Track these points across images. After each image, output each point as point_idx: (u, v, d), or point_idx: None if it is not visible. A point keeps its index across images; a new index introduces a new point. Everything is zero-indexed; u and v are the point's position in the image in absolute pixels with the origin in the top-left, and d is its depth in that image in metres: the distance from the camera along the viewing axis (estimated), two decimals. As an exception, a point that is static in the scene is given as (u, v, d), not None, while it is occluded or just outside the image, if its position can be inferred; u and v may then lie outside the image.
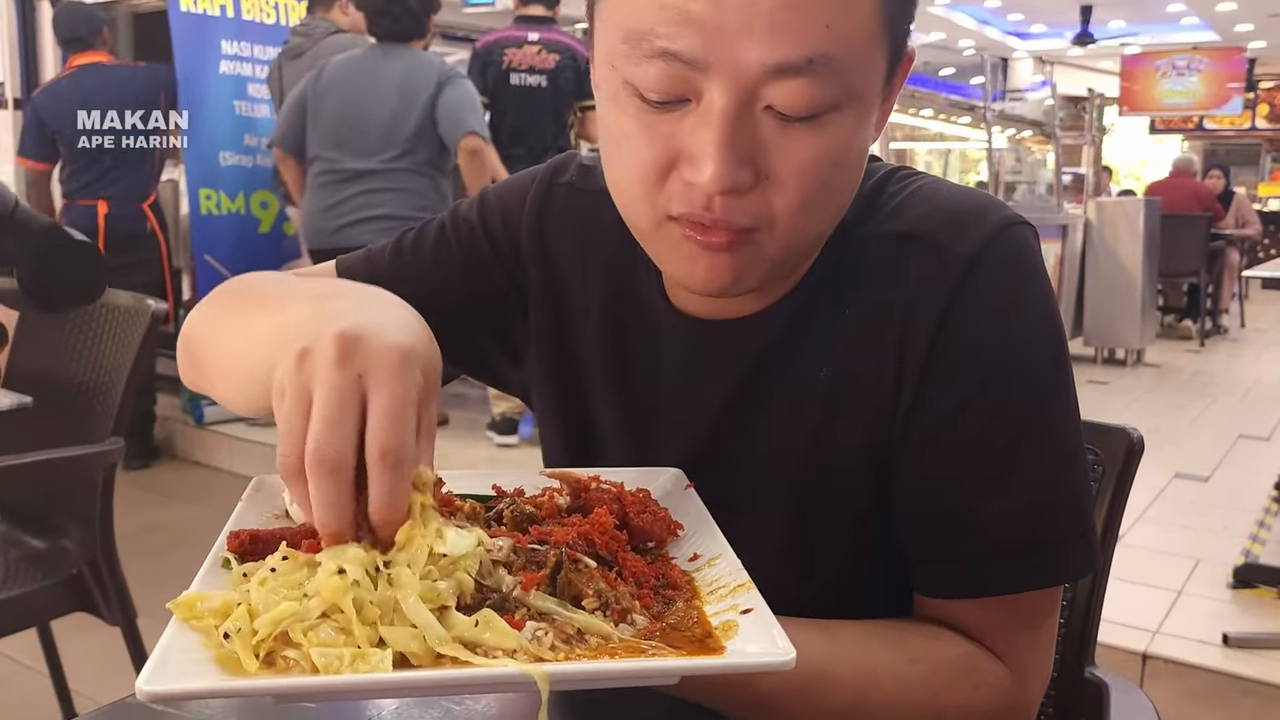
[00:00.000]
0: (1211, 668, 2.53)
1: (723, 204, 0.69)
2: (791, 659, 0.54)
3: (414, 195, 3.74)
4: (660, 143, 0.69)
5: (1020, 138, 8.20)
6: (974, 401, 0.76)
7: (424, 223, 0.98)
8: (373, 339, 0.59)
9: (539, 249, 0.93)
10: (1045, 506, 0.76)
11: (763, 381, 0.83)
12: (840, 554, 0.83)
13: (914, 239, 0.78)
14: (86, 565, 2.02)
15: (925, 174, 0.84)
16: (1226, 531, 3.53)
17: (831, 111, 0.67)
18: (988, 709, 0.75)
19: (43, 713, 2.43)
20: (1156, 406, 5.85)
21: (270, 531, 0.67)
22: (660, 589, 0.66)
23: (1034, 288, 0.78)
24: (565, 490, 0.75)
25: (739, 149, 0.67)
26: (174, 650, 0.54)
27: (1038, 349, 0.77)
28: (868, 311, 0.79)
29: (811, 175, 0.69)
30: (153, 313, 2.02)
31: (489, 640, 0.55)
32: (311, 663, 0.53)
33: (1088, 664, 1.06)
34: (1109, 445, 1.08)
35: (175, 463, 4.88)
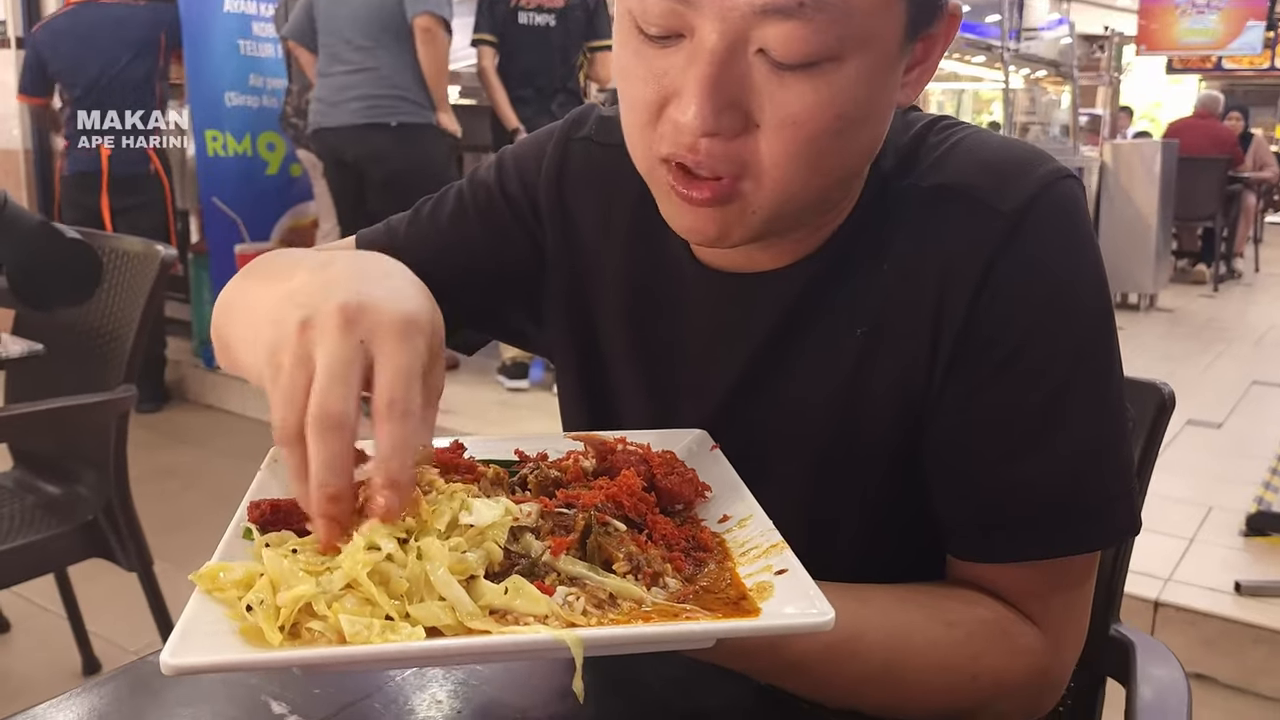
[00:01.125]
0: (1223, 616, 2.53)
1: (707, 147, 0.66)
2: (830, 619, 0.53)
3: (385, 76, 3.85)
4: (654, 79, 0.68)
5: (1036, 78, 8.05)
6: (1017, 360, 0.73)
7: (443, 190, 0.96)
8: (376, 307, 0.58)
9: (558, 207, 0.91)
10: (1088, 467, 0.74)
11: (792, 338, 0.80)
12: (868, 517, 0.81)
13: (956, 192, 0.75)
14: (101, 511, 2.03)
15: (968, 124, 0.81)
16: (1239, 479, 3.52)
17: (830, 61, 0.64)
18: (1022, 674, 0.74)
19: (62, 655, 2.46)
20: (1169, 352, 5.82)
21: (291, 501, 0.65)
22: (691, 551, 0.64)
23: (1081, 244, 0.75)
24: (590, 453, 0.74)
25: (725, 91, 0.64)
26: (197, 622, 0.52)
27: (1085, 308, 0.74)
28: (905, 267, 0.76)
29: (805, 126, 0.65)
30: (162, 258, 2.00)
31: (520, 607, 0.54)
32: (339, 632, 0.52)
33: (1113, 621, 1.05)
34: (1140, 400, 1.06)
35: (187, 406, 4.90)
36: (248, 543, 0.60)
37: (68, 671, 2.44)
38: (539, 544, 0.59)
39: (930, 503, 0.79)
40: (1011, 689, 0.74)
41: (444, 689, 0.74)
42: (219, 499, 0.67)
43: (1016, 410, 0.74)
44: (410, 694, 0.73)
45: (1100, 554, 0.79)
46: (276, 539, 0.59)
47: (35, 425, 2.05)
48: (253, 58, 4.84)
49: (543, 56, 4.20)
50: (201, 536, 0.65)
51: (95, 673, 2.43)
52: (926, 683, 0.72)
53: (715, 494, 0.72)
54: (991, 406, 0.74)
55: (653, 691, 0.74)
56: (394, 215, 0.97)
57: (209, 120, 4.67)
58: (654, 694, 0.74)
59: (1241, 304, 8.07)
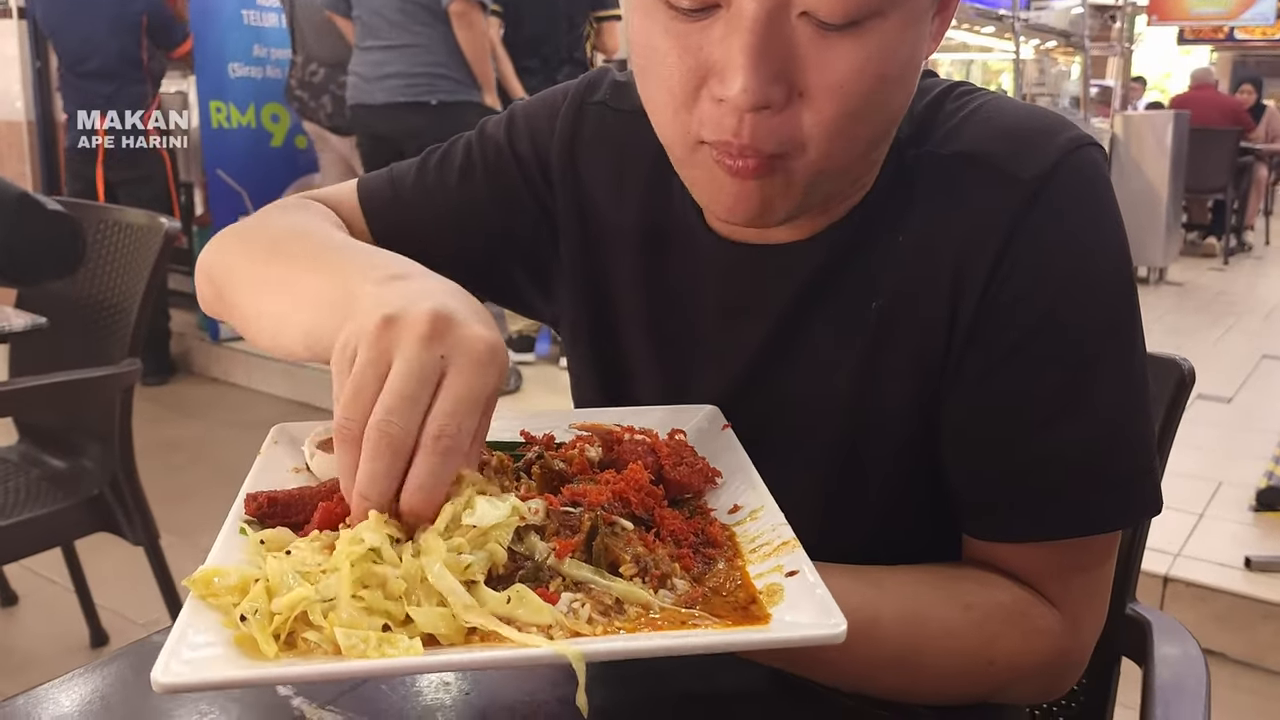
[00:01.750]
0: (1233, 591, 2.52)
1: (753, 125, 0.63)
2: (841, 632, 0.51)
3: (426, 52, 3.72)
4: (690, 55, 0.64)
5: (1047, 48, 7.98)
6: (1038, 334, 0.71)
7: (451, 141, 0.93)
8: (465, 324, 0.57)
9: (570, 172, 0.88)
10: (1111, 444, 0.72)
11: (807, 312, 0.78)
12: (885, 494, 0.80)
13: (974, 161, 0.73)
14: (107, 485, 2.02)
15: (987, 90, 0.79)
16: (1249, 454, 3.50)
17: (874, 17, 0.62)
18: (1040, 657, 0.73)
19: (70, 628, 2.47)
20: (1178, 326, 5.79)
21: (289, 493, 0.64)
22: (700, 547, 0.63)
23: (1104, 214, 0.73)
24: (596, 443, 0.72)
25: (771, 60, 0.62)
26: (190, 634, 0.51)
27: (1108, 279, 0.72)
28: (922, 238, 0.74)
29: (852, 90, 0.63)
30: (166, 231, 1.99)
31: (523, 616, 0.53)
32: (335, 643, 0.50)
33: (1129, 600, 1.04)
34: (1159, 376, 1.04)
35: (192, 378, 4.89)
36: (244, 539, 0.59)
37: (75, 644, 2.44)
38: (544, 546, 0.58)
39: (948, 480, 0.77)
40: (1029, 672, 0.73)
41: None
42: (225, 472, 0.66)
43: (1038, 385, 0.72)
44: (418, 676, 0.72)
45: (1120, 533, 0.77)
46: (273, 537, 0.58)
47: (39, 399, 2.04)
48: (257, 28, 4.80)
49: (549, 26, 4.14)
50: (207, 509, 0.64)
51: (103, 645, 2.44)
52: (943, 667, 0.70)
53: (726, 479, 0.70)
54: (1012, 380, 0.72)
55: (666, 676, 0.73)
56: (398, 163, 0.94)
57: (213, 91, 4.63)
58: (667, 678, 0.73)
59: (1252, 277, 8.02)
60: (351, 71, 3.87)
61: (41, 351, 2.14)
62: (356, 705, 0.68)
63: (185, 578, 0.55)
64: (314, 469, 0.71)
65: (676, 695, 0.71)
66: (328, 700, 0.68)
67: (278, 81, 4.76)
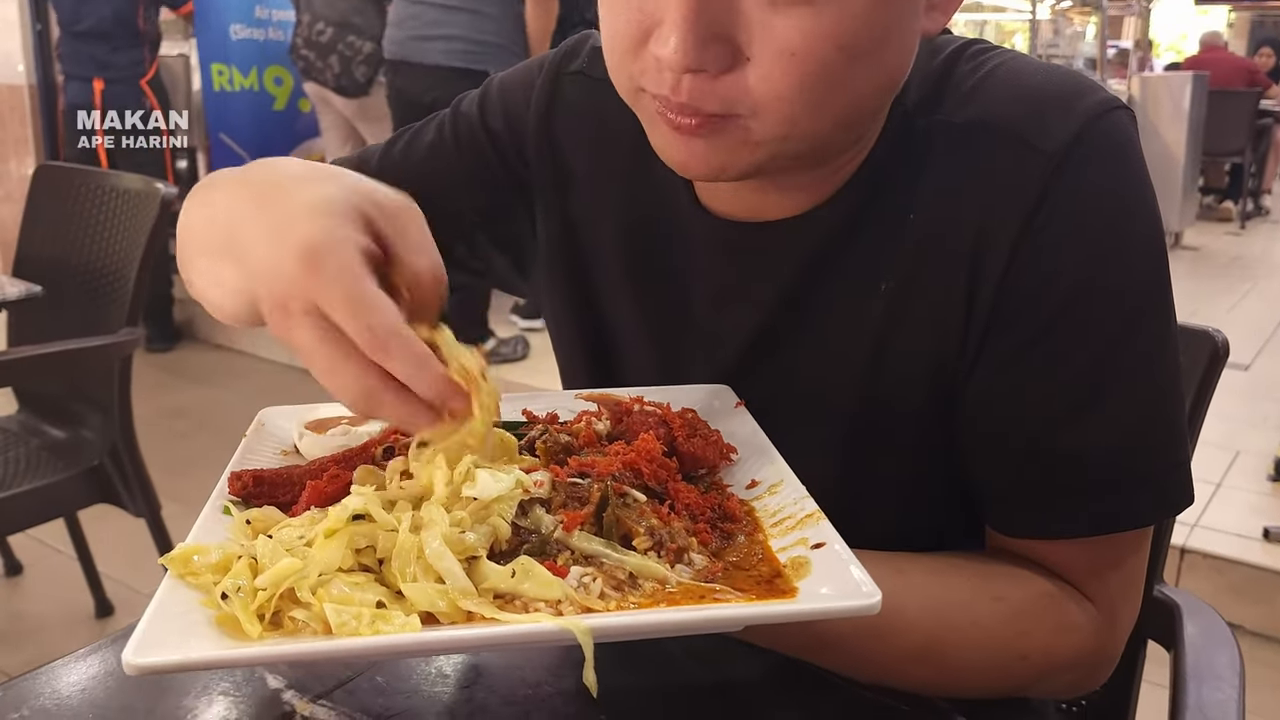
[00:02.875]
0: (1251, 562, 2.49)
1: (690, 85, 0.59)
2: (876, 602, 0.48)
3: (489, 20, 3.50)
4: (636, 7, 0.60)
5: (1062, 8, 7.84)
6: (1065, 317, 0.66)
7: (426, 119, 0.89)
8: (283, 276, 0.52)
9: (547, 145, 0.84)
10: (1143, 434, 0.67)
11: (808, 294, 0.73)
12: (898, 490, 0.76)
13: (992, 129, 0.67)
14: (107, 456, 2.00)
15: (1004, 49, 0.73)
16: (1267, 422, 3.45)
17: None
18: (1074, 651, 0.69)
19: (75, 597, 2.46)
20: (1194, 291, 5.72)
21: (276, 471, 0.60)
22: (718, 522, 0.59)
23: (1134, 184, 0.67)
24: (604, 414, 0.68)
25: (709, 21, 0.58)
26: (166, 614, 0.47)
27: (1138, 257, 0.67)
28: (935, 214, 0.69)
29: (804, 60, 0.58)
30: (162, 196, 1.96)
31: (529, 591, 0.49)
32: (324, 621, 0.47)
33: (1157, 582, 1.00)
34: (1190, 349, 1.00)
35: (197, 345, 4.88)
36: (228, 519, 0.55)
37: (81, 613, 2.44)
38: (550, 519, 0.54)
39: (970, 470, 0.73)
40: (1062, 666, 0.69)
41: (451, 662, 0.69)
42: (229, 440, 0.63)
43: (1065, 371, 0.67)
44: (414, 667, 0.68)
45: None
46: (260, 517, 0.54)
47: (38, 368, 2.02)
48: (258, -12, 4.73)
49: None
50: (211, 478, 0.62)
51: (108, 615, 2.43)
52: (971, 660, 0.67)
53: (741, 456, 0.67)
54: (1037, 368, 0.67)
55: (676, 663, 0.70)
56: (369, 145, 0.91)
57: (215, 54, 4.58)
58: (678, 665, 0.70)
59: (1268, 242, 7.93)
60: (395, 24, 3.60)
61: (41, 320, 2.12)
62: (349, 700, 0.65)
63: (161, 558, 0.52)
64: (303, 450, 0.69)
65: (687, 685, 0.68)
66: (320, 694, 0.65)
67: (280, 44, 4.70)
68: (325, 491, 0.57)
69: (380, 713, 0.63)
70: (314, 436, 0.68)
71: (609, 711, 0.64)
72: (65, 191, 2.14)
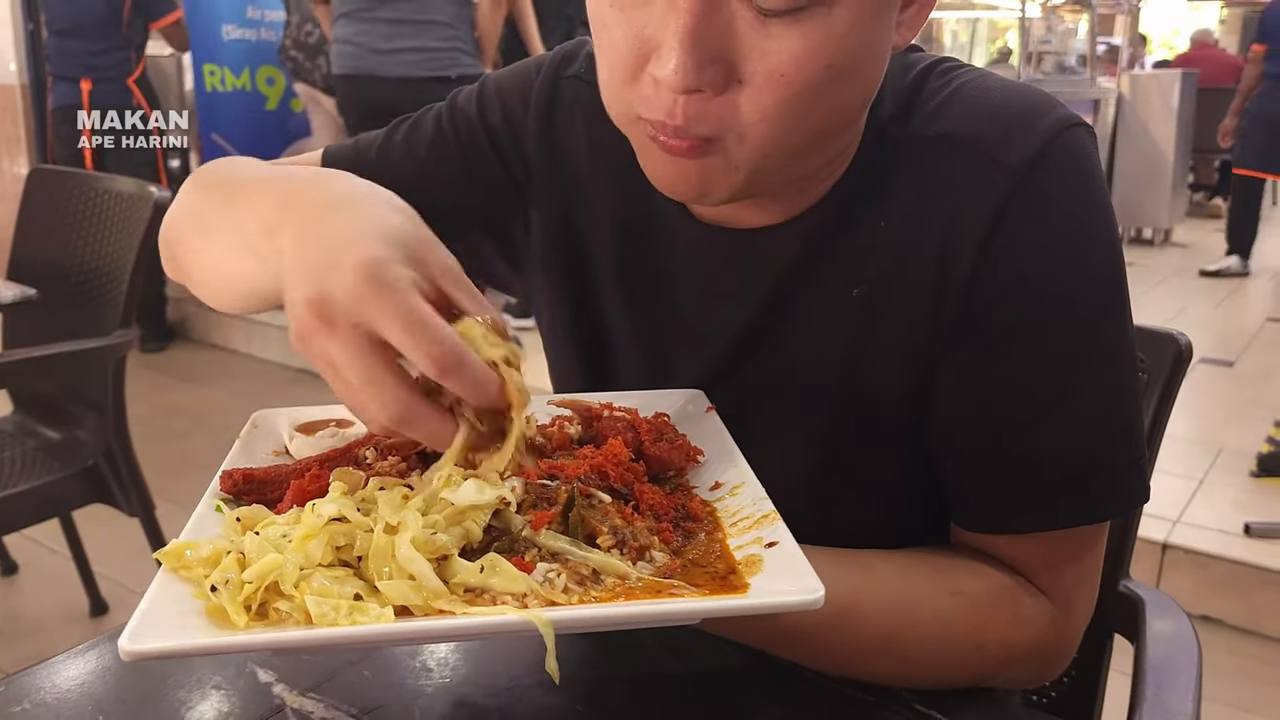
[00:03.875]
0: (1232, 558, 2.52)
1: (685, 107, 0.62)
2: (819, 598, 0.50)
3: (443, 27, 3.58)
4: (633, 33, 0.63)
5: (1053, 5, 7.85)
6: (1026, 323, 0.70)
7: (420, 112, 0.91)
8: (336, 287, 0.54)
9: (546, 148, 0.86)
10: (1102, 434, 0.71)
11: (787, 298, 0.77)
12: (871, 485, 0.79)
13: (959, 144, 0.71)
14: (102, 456, 2.02)
15: (971, 67, 0.76)
16: (1250, 419, 3.49)
17: (817, 5, 0.59)
18: (1030, 643, 0.72)
19: (70, 596, 2.48)
20: (1183, 288, 5.76)
21: (266, 470, 0.63)
22: (680, 522, 0.62)
23: (1092, 199, 0.70)
24: (576, 420, 0.71)
25: (707, 43, 0.60)
26: (160, 604, 0.51)
27: (1096, 267, 0.70)
28: (906, 222, 0.72)
29: (794, 78, 0.61)
30: (155, 199, 1.98)
31: (496, 585, 0.52)
32: (306, 612, 0.50)
33: (1122, 576, 1.03)
34: (1156, 350, 1.03)
35: (191, 345, 4.89)
36: (220, 516, 0.58)
37: (76, 613, 2.46)
38: (519, 518, 0.57)
39: (936, 468, 0.76)
40: (1019, 657, 0.72)
41: (434, 657, 0.72)
42: (224, 439, 0.66)
43: (1028, 375, 0.70)
44: (399, 661, 0.71)
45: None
46: (249, 514, 0.57)
47: (33, 371, 2.04)
48: (250, -12, 4.75)
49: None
50: (205, 477, 0.64)
51: (103, 614, 2.45)
52: (931, 652, 0.70)
53: (708, 459, 0.69)
54: (1002, 370, 0.71)
55: (651, 654, 0.73)
56: (364, 133, 0.92)
57: (207, 54, 4.59)
58: (650, 657, 0.73)
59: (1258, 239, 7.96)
60: (349, 40, 3.69)
61: (35, 322, 2.14)
62: (337, 692, 0.67)
63: (155, 552, 0.55)
64: (293, 451, 0.71)
65: (661, 676, 0.71)
66: (309, 687, 0.68)
67: (272, 44, 4.72)
68: (307, 490, 0.60)
69: (367, 705, 0.66)
70: (303, 438, 0.70)
71: (585, 702, 0.67)
72: (59, 194, 2.16)
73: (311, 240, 0.58)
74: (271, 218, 0.63)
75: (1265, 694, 2.25)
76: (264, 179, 0.69)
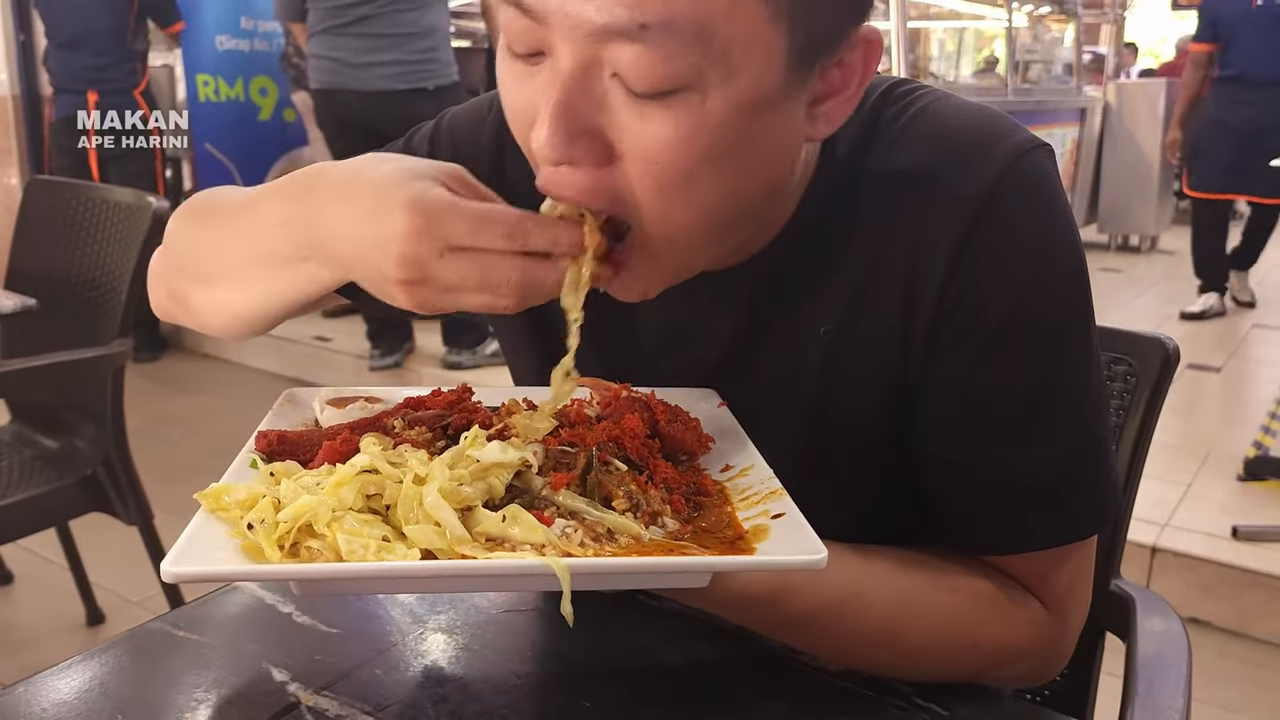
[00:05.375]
0: (1220, 561, 2.55)
1: (565, 177, 0.62)
2: (823, 558, 0.53)
3: (417, 38, 3.66)
4: (522, 97, 0.64)
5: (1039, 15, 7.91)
6: (995, 349, 0.71)
7: (386, 147, 0.90)
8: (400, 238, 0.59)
9: (499, 189, 0.86)
10: (1076, 452, 0.73)
11: (751, 340, 0.78)
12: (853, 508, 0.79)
13: (916, 180, 0.71)
14: (100, 465, 2.03)
15: (927, 89, 0.76)
16: (1238, 423, 3.52)
17: (688, 90, 0.58)
18: (1024, 644, 0.74)
19: (66, 606, 2.48)
20: (1169, 294, 5.80)
21: (299, 433, 0.66)
22: (691, 495, 0.65)
23: (1054, 221, 0.71)
24: (594, 399, 0.74)
25: (576, 117, 0.60)
26: (200, 536, 0.54)
27: (1061, 289, 0.72)
28: (870, 258, 0.73)
29: (666, 162, 0.60)
30: (154, 210, 1.98)
31: (516, 535, 0.55)
32: (336, 551, 0.53)
33: (1114, 576, 1.05)
34: (1144, 354, 1.05)
35: (184, 354, 4.89)
36: (254, 472, 0.61)
37: (72, 623, 2.46)
38: (540, 480, 0.60)
39: (919, 490, 0.77)
40: (1013, 657, 0.74)
41: (444, 655, 0.74)
42: (218, 448, 0.68)
43: (1000, 398, 0.72)
44: (410, 660, 0.73)
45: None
46: (283, 469, 0.60)
47: (31, 380, 2.04)
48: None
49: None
50: (200, 486, 0.66)
51: (99, 624, 2.45)
52: (925, 646, 0.72)
53: (720, 446, 0.72)
54: (973, 396, 0.72)
55: (653, 651, 0.74)
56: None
57: (200, 64, 4.60)
58: (654, 654, 0.74)
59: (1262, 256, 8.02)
60: (324, 56, 3.74)
61: (33, 332, 2.14)
62: (351, 690, 0.69)
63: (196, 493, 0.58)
64: (323, 422, 0.74)
65: (663, 674, 0.73)
66: (322, 686, 0.69)
67: (266, 54, 4.73)
68: (339, 450, 0.63)
69: (380, 702, 0.68)
70: (334, 410, 0.73)
71: (591, 697, 0.69)
72: (57, 205, 2.17)
73: (355, 218, 0.61)
74: (289, 218, 0.65)
75: (1253, 695, 2.28)
76: (259, 195, 0.72)
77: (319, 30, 3.72)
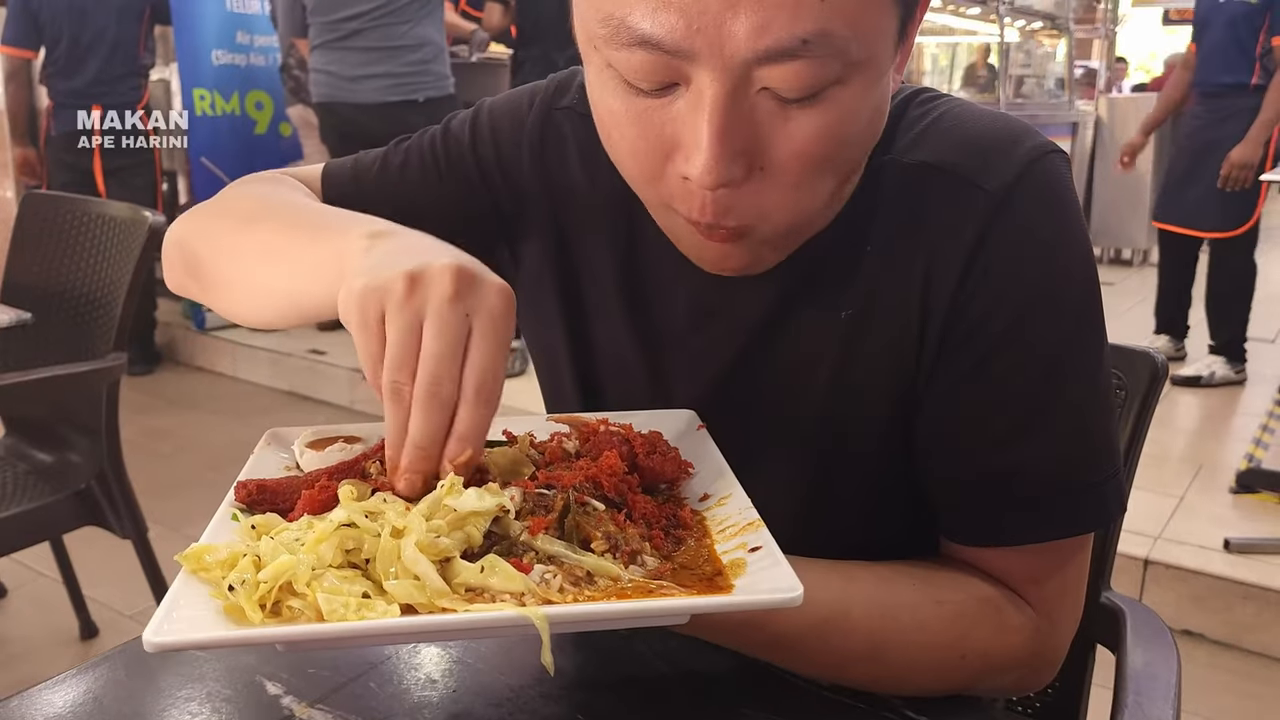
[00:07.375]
0: (1212, 573, 2.55)
1: (714, 203, 0.64)
2: (798, 596, 0.53)
3: (409, 51, 3.73)
4: (654, 130, 0.64)
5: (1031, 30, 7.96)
6: (1006, 342, 0.73)
7: (419, 134, 0.92)
8: (483, 279, 0.59)
9: (541, 179, 0.87)
10: (1078, 450, 0.73)
11: (779, 324, 0.79)
12: (860, 499, 0.81)
13: (939, 171, 0.74)
14: (94, 479, 2.03)
15: (950, 97, 0.79)
16: (1230, 436, 3.54)
17: (834, 85, 0.61)
18: (1013, 653, 0.74)
19: (60, 620, 2.48)
20: (1162, 307, 5.81)
21: (279, 481, 0.66)
22: (670, 529, 0.65)
23: (1068, 222, 0.74)
24: (573, 435, 0.74)
25: (734, 138, 0.62)
26: (181, 601, 0.53)
27: (1073, 288, 0.73)
28: (890, 247, 0.75)
29: (812, 154, 0.64)
30: (150, 224, 1.99)
31: (495, 585, 0.55)
32: (317, 610, 0.53)
33: (1104, 588, 1.06)
34: (1133, 369, 1.06)
35: (178, 368, 4.89)
36: (236, 525, 0.61)
37: (66, 636, 2.45)
38: (518, 524, 0.60)
39: (922, 483, 0.78)
40: (1003, 667, 0.74)
41: (438, 668, 0.74)
42: (211, 461, 0.68)
43: (1007, 394, 0.73)
44: (404, 673, 0.73)
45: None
46: (264, 522, 0.60)
47: (25, 394, 2.04)
48: (240, 14, 4.78)
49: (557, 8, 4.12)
50: (194, 500, 0.67)
51: (93, 637, 2.44)
52: (914, 660, 0.72)
53: (699, 472, 0.72)
54: (982, 390, 0.74)
55: (645, 664, 0.75)
56: (364, 152, 0.93)
57: (196, 79, 4.61)
58: (646, 666, 0.75)
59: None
60: (323, 70, 3.81)
61: (28, 345, 2.14)
62: (345, 703, 0.69)
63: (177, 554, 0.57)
64: (303, 466, 0.74)
65: (655, 687, 0.73)
66: (316, 699, 0.69)
67: (261, 69, 4.75)
68: (317, 499, 0.63)
69: (373, 715, 0.68)
70: (313, 453, 0.73)
71: (584, 711, 0.69)
72: (53, 219, 2.17)
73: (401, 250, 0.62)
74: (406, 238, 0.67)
75: (1245, 707, 2.28)
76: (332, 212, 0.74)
77: (317, 45, 3.78)
